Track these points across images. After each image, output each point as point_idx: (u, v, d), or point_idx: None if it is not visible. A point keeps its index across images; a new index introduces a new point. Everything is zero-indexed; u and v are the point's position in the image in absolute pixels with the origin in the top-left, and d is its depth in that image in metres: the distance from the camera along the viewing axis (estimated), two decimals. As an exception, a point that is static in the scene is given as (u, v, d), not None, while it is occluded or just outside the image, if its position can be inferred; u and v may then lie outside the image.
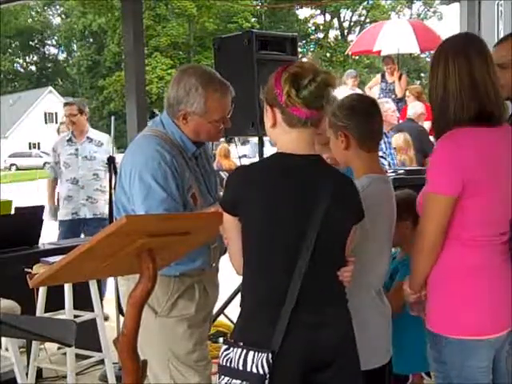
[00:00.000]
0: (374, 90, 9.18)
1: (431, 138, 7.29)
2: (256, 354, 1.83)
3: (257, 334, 1.89)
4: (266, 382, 1.83)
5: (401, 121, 7.19)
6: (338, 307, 2.00)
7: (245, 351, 1.85)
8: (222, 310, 4.32)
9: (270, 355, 1.82)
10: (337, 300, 2.01)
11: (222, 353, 1.91)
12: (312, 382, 1.93)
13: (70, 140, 5.59)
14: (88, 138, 5.59)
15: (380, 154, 6.04)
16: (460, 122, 2.03)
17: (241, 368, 1.85)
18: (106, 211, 5.53)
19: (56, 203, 5.72)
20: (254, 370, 1.83)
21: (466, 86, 2.03)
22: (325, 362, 1.93)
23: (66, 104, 5.81)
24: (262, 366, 1.82)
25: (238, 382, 1.86)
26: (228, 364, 1.88)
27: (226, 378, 1.88)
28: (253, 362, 1.83)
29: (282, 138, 1.98)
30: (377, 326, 2.34)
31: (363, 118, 2.36)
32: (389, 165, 6.02)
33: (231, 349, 1.89)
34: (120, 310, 3.86)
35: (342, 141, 2.34)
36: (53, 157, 5.69)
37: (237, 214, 1.95)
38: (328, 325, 1.93)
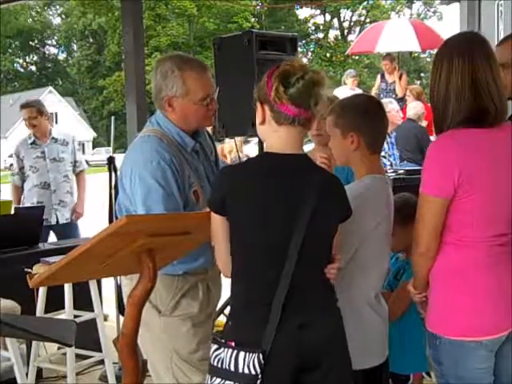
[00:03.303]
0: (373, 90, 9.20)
1: (432, 137, 7.29)
2: (247, 354, 1.84)
3: (247, 333, 1.89)
4: (258, 382, 1.83)
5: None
6: (327, 306, 2.01)
7: (235, 352, 1.86)
8: (221, 310, 4.32)
9: (261, 355, 1.83)
10: (325, 299, 2.01)
11: (213, 353, 1.91)
12: (302, 382, 1.93)
13: (33, 143, 5.22)
14: (53, 138, 5.27)
15: (382, 153, 6.06)
16: (457, 122, 2.02)
17: (232, 369, 1.85)
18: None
19: None
20: (246, 371, 1.83)
21: (468, 87, 2.01)
22: (314, 361, 1.93)
23: (23, 106, 5.31)
24: (254, 366, 1.82)
25: (231, 383, 1.86)
26: (219, 365, 1.88)
27: (218, 380, 1.88)
28: (244, 363, 1.83)
29: (270, 135, 2.00)
30: (373, 326, 2.34)
31: (376, 120, 2.37)
32: (391, 165, 6.03)
33: (222, 349, 1.89)
34: (120, 310, 3.86)
35: (351, 141, 2.32)
36: (16, 162, 5.26)
37: (224, 214, 1.95)
38: (317, 324, 1.94)
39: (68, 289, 3.49)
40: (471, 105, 2.01)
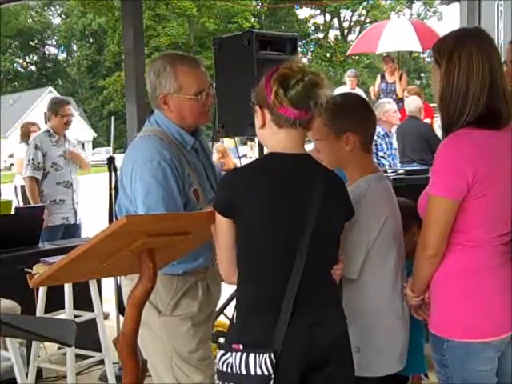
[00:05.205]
0: (370, 89, 9.21)
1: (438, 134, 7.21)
2: (257, 355, 1.83)
3: (255, 335, 1.89)
4: (272, 382, 1.82)
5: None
6: (334, 305, 2.02)
7: (245, 354, 1.84)
8: (221, 310, 4.32)
9: (273, 355, 1.82)
10: (332, 298, 2.03)
11: (220, 358, 1.89)
12: (311, 380, 1.93)
13: (57, 141, 5.28)
14: (68, 139, 5.37)
15: (381, 154, 6.06)
16: (468, 122, 1.99)
17: (244, 372, 1.83)
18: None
19: None
20: (259, 372, 1.82)
21: (486, 89, 1.97)
22: (323, 360, 1.93)
23: (65, 103, 5.40)
24: (266, 367, 1.82)
25: None
26: (229, 370, 1.86)
27: None
28: (255, 364, 1.82)
29: (271, 138, 2.00)
30: (396, 330, 2.37)
31: (368, 119, 2.37)
32: (389, 165, 6.03)
33: (229, 353, 1.87)
34: (120, 310, 3.86)
35: (346, 142, 2.30)
36: (40, 156, 5.17)
37: (231, 216, 1.94)
38: (327, 324, 1.94)
39: (68, 289, 3.49)
40: (485, 106, 1.98)
